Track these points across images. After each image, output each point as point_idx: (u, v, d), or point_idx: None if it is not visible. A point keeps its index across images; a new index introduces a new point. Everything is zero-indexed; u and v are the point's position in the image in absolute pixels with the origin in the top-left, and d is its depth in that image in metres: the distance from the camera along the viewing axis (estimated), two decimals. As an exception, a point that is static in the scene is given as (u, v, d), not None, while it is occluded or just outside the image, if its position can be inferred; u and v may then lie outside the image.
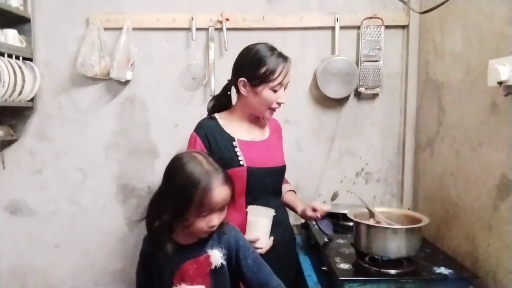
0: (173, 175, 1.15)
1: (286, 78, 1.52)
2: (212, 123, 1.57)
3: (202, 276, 1.16)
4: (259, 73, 1.49)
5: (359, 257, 1.44)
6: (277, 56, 1.51)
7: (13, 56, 1.92)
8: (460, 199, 1.60)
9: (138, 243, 2.19)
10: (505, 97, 1.27)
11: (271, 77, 1.49)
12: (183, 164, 1.14)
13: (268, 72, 1.48)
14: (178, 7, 2.07)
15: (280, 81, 1.50)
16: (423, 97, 1.98)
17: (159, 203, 1.15)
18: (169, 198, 1.12)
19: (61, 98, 2.14)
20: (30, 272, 2.23)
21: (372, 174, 2.16)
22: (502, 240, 1.34)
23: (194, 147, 1.51)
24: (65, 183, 2.18)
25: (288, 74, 1.53)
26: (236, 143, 1.52)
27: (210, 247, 1.18)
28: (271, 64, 1.49)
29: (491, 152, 1.40)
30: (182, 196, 1.10)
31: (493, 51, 1.37)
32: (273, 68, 1.48)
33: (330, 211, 1.88)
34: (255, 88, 1.50)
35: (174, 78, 2.08)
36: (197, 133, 1.55)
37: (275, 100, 1.52)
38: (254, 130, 1.61)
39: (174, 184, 1.13)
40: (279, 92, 1.52)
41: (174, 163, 1.17)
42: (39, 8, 2.09)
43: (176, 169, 1.15)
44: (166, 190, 1.15)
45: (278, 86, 1.50)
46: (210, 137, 1.53)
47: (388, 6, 2.07)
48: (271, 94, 1.51)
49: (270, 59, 1.50)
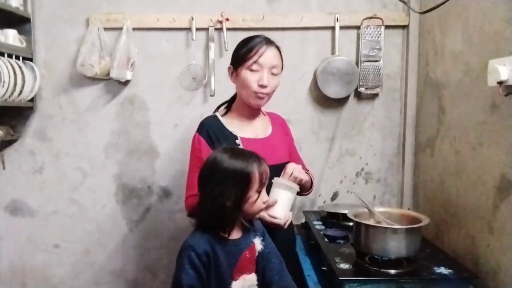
0: (224, 165, 1.18)
1: (263, 58, 1.48)
2: (214, 122, 1.56)
3: (252, 264, 1.25)
4: (238, 55, 1.51)
5: (359, 257, 1.44)
6: (260, 38, 1.51)
7: (13, 56, 1.92)
8: (460, 199, 1.60)
9: (138, 243, 2.22)
10: (505, 97, 1.27)
11: (247, 56, 1.48)
12: (229, 153, 1.21)
13: (245, 51, 1.49)
14: (178, 7, 2.07)
15: (255, 59, 1.47)
16: (423, 97, 1.98)
17: (219, 195, 1.16)
18: (229, 186, 1.17)
19: (61, 98, 2.14)
20: (30, 272, 2.23)
21: (372, 174, 2.16)
22: (502, 240, 1.34)
23: (199, 148, 1.50)
24: (65, 183, 2.18)
25: (270, 55, 1.49)
26: (239, 141, 1.51)
27: (253, 236, 1.27)
28: (250, 45, 1.50)
29: (491, 152, 1.40)
30: (244, 177, 1.18)
31: (493, 51, 1.37)
32: (250, 48, 1.48)
33: (329, 211, 1.90)
34: (237, 72, 1.52)
35: (174, 78, 2.08)
36: (200, 133, 1.53)
37: (256, 82, 1.48)
38: (256, 127, 1.59)
39: (230, 171, 1.18)
40: (259, 73, 1.48)
41: (217, 157, 1.20)
42: (39, 8, 2.09)
43: (224, 160, 1.19)
44: (222, 181, 1.17)
45: (255, 66, 1.47)
46: (213, 136, 1.51)
47: (388, 6, 2.07)
48: (249, 74, 1.48)
49: (251, 42, 1.50)
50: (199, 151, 1.50)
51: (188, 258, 1.15)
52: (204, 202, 1.21)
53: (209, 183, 1.19)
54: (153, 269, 2.23)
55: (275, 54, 1.51)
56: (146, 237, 2.21)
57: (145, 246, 2.22)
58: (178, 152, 2.15)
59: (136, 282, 2.24)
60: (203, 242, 1.18)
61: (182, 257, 1.16)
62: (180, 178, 2.16)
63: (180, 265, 1.16)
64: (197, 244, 1.17)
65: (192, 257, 1.15)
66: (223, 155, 1.20)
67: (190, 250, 1.16)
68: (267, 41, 1.51)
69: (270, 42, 1.52)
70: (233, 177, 1.17)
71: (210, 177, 1.19)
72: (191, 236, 1.21)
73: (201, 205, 1.21)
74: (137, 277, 2.24)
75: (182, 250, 1.18)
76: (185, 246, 1.18)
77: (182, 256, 1.17)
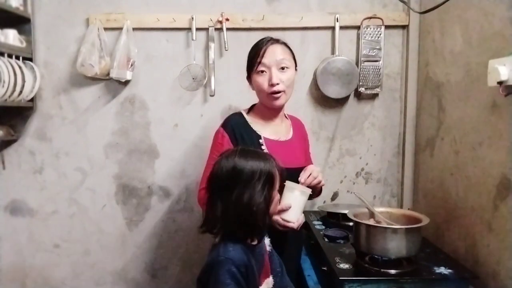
0: (247, 167, 1.14)
1: (266, 57, 1.48)
2: (240, 120, 1.55)
3: (268, 266, 1.26)
4: (248, 63, 1.53)
5: (359, 257, 1.44)
6: (262, 41, 1.52)
7: (13, 56, 1.92)
8: (460, 199, 1.60)
9: (138, 243, 2.22)
10: (505, 97, 1.27)
11: (253, 61, 1.49)
12: (245, 155, 1.17)
13: (250, 57, 1.51)
14: (178, 7, 2.07)
15: (259, 61, 1.48)
16: (423, 97, 1.98)
17: (249, 200, 1.11)
18: (258, 188, 1.13)
19: (61, 98, 2.14)
20: (30, 272, 2.23)
21: (372, 174, 2.16)
22: (502, 240, 1.34)
23: (222, 142, 1.48)
24: (65, 183, 2.18)
25: (273, 52, 1.48)
26: (262, 141, 1.50)
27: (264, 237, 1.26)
28: (254, 49, 1.51)
29: (491, 152, 1.40)
30: (269, 177, 1.15)
31: (493, 51, 1.37)
32: (254, 52, 1.50)
33: (329, 211, 1.90)
34: (251, 79, 1.54)
35: (174, 78, 2.08)
36: (225, 128, 1.51)
37: (267, 82, 1.48)
38: (279, 129, 1.58)
39: (256, 173, 1.14)
40: (268, 73, 1.48)
41: (236, 162, 1.15)
42: (39, 8, 2.09)
43: (245, 163, 1.15)
44: (250, 184, 1.13)
45: (261, 67, 1.48)
46: (238, 133, 1.50)
47: (388, 6, 2.07)
48: (260, 77, 1.49)
49: (255, 46, 1.52)
50: (221, 145, 1.48)
51: (229, 273, 1.07)
52: (229, 211, 1.12)
53: (234, 190, 1.12)
54: (153, 269, 2.23)
55: (280, 49, 1.51)
56: (146, 237, 2.21)
57: (145, 246, 2.22)
58: (178, 152, 2.15)
59: (136, 282, 2.24)
60: (239, 253, 1.11)
61: (220, 273, 1.07)
62: (180, 178, 2.17)
63: (220, 282, 1.06)
64: (235, 257, 1.10)
65: (232, 271, 1.07)
66: (240, 159, 1.15)
67: (229, 264, 1.08)
68: (270, 40, 1.52)
69: (274, 40, 1.52)
70: (259, 178, 1.13)
71: (234, 184, 1.13)
72: (223, 249, 1.11)
73: (226, 215, 1.13)
74: (137, 277, 2.24)
75: (218, 265, 1.08)
76: (221, 261, 1.09)
77: (219, 272, 1.07)
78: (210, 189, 1.18)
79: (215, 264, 1.09)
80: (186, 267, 2.22)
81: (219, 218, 1.13)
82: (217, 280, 1.07)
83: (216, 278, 1.07)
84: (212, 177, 1.18)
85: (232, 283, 1.07)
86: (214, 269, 1.09)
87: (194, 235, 2.19)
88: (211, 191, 1.18)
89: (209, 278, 1.09)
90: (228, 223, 1.13)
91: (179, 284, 2.23)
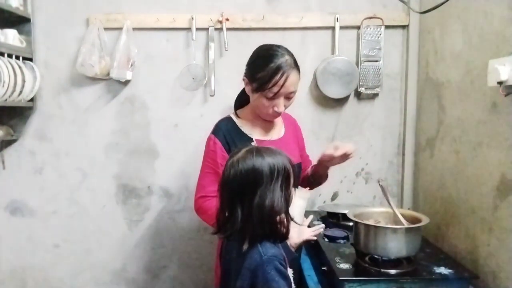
0: (267, 167, 1.12)
1: (284, 88, 1.40)
2: (230, 124, 1.54)
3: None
4: (256, 77, 1.42)
5: (359, 257, 1.44)
6: (280, 63, 1.39)
7: (13, 56, 1.92)
8: (460, 199, 1.60)
9: (138, 243, 2.22)
10: (505, 97, 1.27)
11: (266, 86, 1.40)
12: (260, 153, 1.14)
13: (264, 79, 1.40)
14: (178, 7, 2.07)
15: (275, 91, 1.40)
16: (423, 97, 1.98)
17: (273, 199, 1.11)
18: (279, 186, 1.12)
19: (61, 98, 2.14)
20: (30, 272, 2.23)
21: (372, 174, 2.16)
22: (502, 240, 1.34)
23: (214, 150, 1.47)
24: (65, 183, 2.18)
25: (289, 84, 1.41)
26: (254, 143, 1.49)
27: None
28: (270, 71, 1.39)
29: (491, 152, 1.40)
30: (286, 174, 1.14)
31: (493, 51, 1.37)
32: (270, 76, 1.39)
33: (329, 211, 1.90)
34: (252, 92, 1.47)
35: (174, 78, 2.08)
36: (216, 135, 1.50)
37: (272, 107, 1.45)
38: (270, 128, 1.58)
39: (274, 171, 1.12)
40: (276, 100, 1.43)
41: (255, 163, 1.12)
42: (39, 8, 2.09)
43: (263, 162, 1.13)
44: (271, 184, 1.11)
45: (271, 94, 1.41)
46: (229, 139, 1.49)
47: (388, 6, 2.07)
48: (265, 101, 1.43)
49: (271, 65, 1.39)
50: (214, 153, 1.47)
51: (276, 269, 1.09)
52: (253, 215, 1.11)
53: (256, 192, 1.10)
54: (153, 269, 2.23)
55: (295, 79, 1.43)
56: (146, 237, 2.21)
57: (145, 246, 2.22)
58: (178, 152, 2.15)
59: (136, 282, 2.24)
60: (277, 249, 1.14)
61: (268, 271, 1.08)
62: (180, 178, 2.17)
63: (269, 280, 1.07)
64: (276, 253, 1.12)
65: (278, 267, 1.10)
66: (258, 159, 1.13)
67: (275, 261, 1.10)
68: (289, 65, 1.41)
69: (292, 67, 1.42)
70: (277, 176, 1.12)
71: (255, 185, 1.11)
72: (263, 249, 1.12)
73: (250, 220, 1.11)
74: (137, 277, 2.24)
75: (264, 265, 1.09)
76: (265, 260, 1.09)
77: (266, 270, 1.08)
78: (226, 195, 1.15)
79: (259, 266, 1.10)
80: (186, 267, 2.22)
81: (240, 224, 1.12)
82: (266, 279, 1.08)
83: (265, 277, 1.08)
84: (227, 182, 1.14)
85: (280, 279, 1.08)
86: (260, 270, 1.09)
87: (194, 235, 2.19)
88: (227, 197, 1.15)
89: (255, 280, 1.09)
90: (252, 227, 1.11)
91: (179, 284, 2.23)
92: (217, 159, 1.46)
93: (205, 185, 1.48)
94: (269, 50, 1.45)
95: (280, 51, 1.44)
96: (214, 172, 1.46)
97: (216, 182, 1.39)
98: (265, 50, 1.47)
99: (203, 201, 1.47)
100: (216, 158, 1.46)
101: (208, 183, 1.47)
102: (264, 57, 1.43)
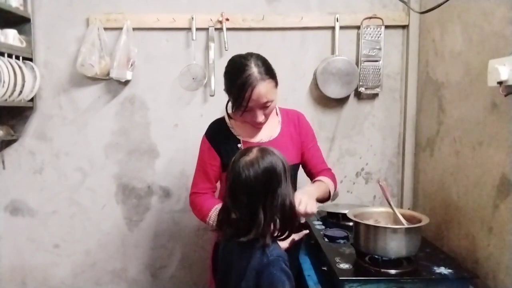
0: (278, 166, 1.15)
1: (254, 102, 1.37)
2: (221, 125, 1.56)
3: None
4: (229, 93, 1.43)
5: (359, 257, 1.44)
6: (246, 78, 1.34)
7: (13, 56, 1.92)
8: (460, 199, 1.60)
9: (138, 243, 2.22)
10: (505, 97, 1.27)
11: (237, 102, 1.38)
12: (266, 152, 1.16)
13: (234, 96, 1.39)
14: (178, 7, 2.07)
15: (245, 106, 1.37)
16: (423, 97, 1.98)
17: (285, 196, 1.13)
18: (287, 183, 1.15)
19: (61, 98, 2.14)
20: (30, 272, 2.23)
21: (372, 174, 2.16)
22: (502, 240, 1.34)
23: (204, 150, 1.54)
24: (65, 183, 2.18)
25: (258, 97, 1.36)
26: (241, 145, 1.49)
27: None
28: (237, 87, 1.36)
29: (491, 152, 1.40)
30: (286, 168, 1.17)
31: (493, 51, 1.37)
32: (238, 93, 1.36)
33: (329, 211, 1.90)
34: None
35: (174, 78, 2.08)
36: (207, 136, 1.56)
37: (250, 119, 1.44)
38: (262, 129, 1.54)
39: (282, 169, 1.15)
40: (251, 113, 1.41)
41: (272, 162, 1.14)
42: (39, 8, 2.09)
43: (274, 160, 1.14)
44: (281, 182, 1.14)
45: (243, 109, 1.39)
46: (218, 140, 1.52)
47: (388, 6, 2.07)
48: (245, 115, 1.42)
49: (238, 82, 1.35)
50: (203, 152, 1.55)
51: (282, 270, 1.11)
52: (274, 214, 1.12)
53: (268, 191, 1.12)
54: (153, 269, 2.23)
55: (264, 90, 1.37)
56: (146, 237, 2.21)
57: (145, 246, 2.22)
58: (178, 152, 2.15)
59: (136, 282, 2.24)
60: (281, 249, 1.17)
61: (274, 272, 1.09)
62: (180, 178, 2.17)
63: (275, 280, 1.09)
64: (281, 253, 1.15)
65: (283, 267, 1.11)
66: (268, 157, 1.14)
67: (281, 262, 1.11)
68: (256, 78, 1.35)
69: (260, 78, 1.36)
70: (285, 172, 1.15)
71: (272, 185, 1.13)
72: (270, 249, 1.12)
73: (271, 219, 1.12)
74: (137, 277, 2.24)
75: (269, 265, 1.10)
76: (272, 261, 1.11)
77: (273, 271, 1.10)
78: (242, 198, 1.14)
79: (265, 266, 1.11)
80: (186, 267, 2.22)
81: (264, 226, 1.11)
82: (273, 279, 1.09)
83: (271, 278, 1.09)
84: (242, 188, 1.13)
85: (286, 279, 1.10)
86: (266, 271, 1.10)
87: (194, 235, 2.19)
88: (246, 202, 1.13)
89: (261, 281, 1.10)
90: (272, 227, 1.14)
91: (179, 284, 2.23)
92: (205, 159, 1.54)
93: (197, 182, 1.56)
94: (236, 64, 1.41)
95: (247, 63, 1.38)
96: (203, 171, 1.54)
97: (206, 180, 1.53)
98: (233, 64, 1.43)
99: (195, 197, 1.55)
100: (204, 157, 1.54)
101: (200, 181, 1.55)
102: (232, 73, 1.41)
